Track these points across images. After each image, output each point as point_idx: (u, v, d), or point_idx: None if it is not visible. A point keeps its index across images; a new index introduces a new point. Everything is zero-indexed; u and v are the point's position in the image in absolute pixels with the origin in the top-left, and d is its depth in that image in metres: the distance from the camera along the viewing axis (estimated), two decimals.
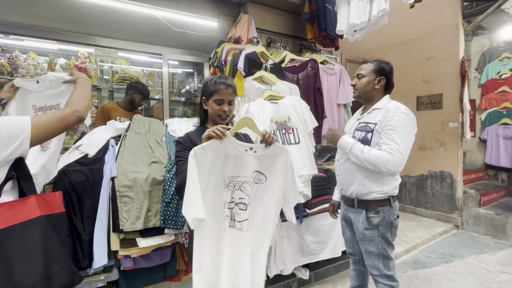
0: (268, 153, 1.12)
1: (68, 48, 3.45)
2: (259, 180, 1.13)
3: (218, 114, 1.24)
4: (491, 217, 3.35)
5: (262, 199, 1.13)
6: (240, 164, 1.10)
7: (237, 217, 1.11)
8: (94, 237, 1.36)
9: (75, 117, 0.99)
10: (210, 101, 1.24)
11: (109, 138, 1.74)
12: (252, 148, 1.11)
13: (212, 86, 1.23)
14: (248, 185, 1.12)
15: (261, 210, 1.13)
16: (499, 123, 4.06)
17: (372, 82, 1.50)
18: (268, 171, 1.14)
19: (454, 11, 3.57)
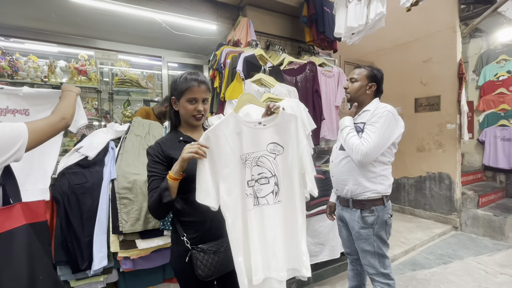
0: (278, 123, 1.12)
1: (68, 51, 3.47)
2: (278, 152, 1.13)
3: (192, 115, 1.11)
4: (489, 218, 3.37)
5: (285, 169, 1.13)
6: (253, 140, 1.08)
7: (260, 193, 1.09)
8: (94, 238, 1.37)
9: (63, 123, 1.09)
10: (181, 101, 1.10)
11: (109, 141, 1.76)
12: (261, 122, 1.10)
13: (182, 83, 1.09)
14: (265, 158, 1.11)
15: (287, 180, 1.14)
16: (496, 124, 4.08)
17: (364, 87, 1.60)
18: (283, 140, 1.13)
19: (451, 14, 3.61)
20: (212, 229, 1.08)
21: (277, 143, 1.12)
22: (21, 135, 0.88)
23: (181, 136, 1.13)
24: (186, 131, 1.17)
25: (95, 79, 3.42)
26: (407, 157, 4.21)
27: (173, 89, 1.13)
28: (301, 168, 1.16)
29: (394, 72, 4.35)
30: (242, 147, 1.06)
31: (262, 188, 1.09)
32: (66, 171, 1.46)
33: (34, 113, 1.32)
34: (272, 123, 1.11)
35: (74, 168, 1.50)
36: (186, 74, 1.11)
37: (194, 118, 1.12)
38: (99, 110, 3.51)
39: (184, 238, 1.05)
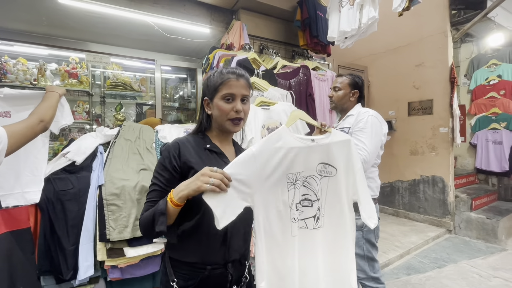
0: (330, 142, 1.01)
1: (59, 54, 3.42)
2: (328, 173, 1.02)
3: (229, 118, 0.87)
4: (483, 221, 3.39)
5: (334, 193, 1.02)
6: (303, 158, 0.97)
7: (301, 215, 0.99)
8: (80, 247, 1.32)
9: (41, 126, 1.05)
10: (215, 100, 0.88)
11: (98, 145, 1.71)
12: (314, 140, 0.98)
13: (217, 78, 0.88)
14: (312, 179, 1.00)
15: (335, 206, 1.02)
16: (488, 128, 4.13)
17: (348, 94, 1.67)
18: (335, 161, 1.02)
19: (442, 19, 3.66)
20: (212, 278, 0.84)
21: (327, 164, 1.01)
22: (0, 139, 0.84)
23: (208, 143, 0.90)
24: (214, 138, 0.94)
25: (86, 82, 3.37)
26: (401, 160, 4.23)
27: (205, 88, 0.92)
28: (354, 194, 1.05)
29: (387, 76, 4.39)
30: (291, 165, 0.93)
31: (303, 210, 0.99)
32: (51, 177, 1.41)
33: (16, 115, 1.27)
34: (325, 141, 0.99)
35: (60, 174, 1.45)
36: (222, 69, 0.92)
37: (231, 123, 0.87)
38: (90, 113, 3.45)
39: (174, 285, 0.81)
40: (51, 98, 1.20)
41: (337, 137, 1.02)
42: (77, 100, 3.39)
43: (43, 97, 1.22)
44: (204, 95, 0.94)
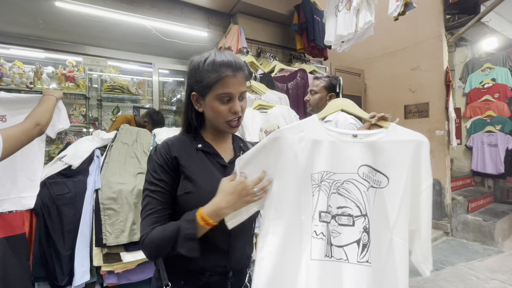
0: (384, 141, 0.69)
1: (56, 57, 3.40)
2: (376, 182, 0.70)
3: (226, 120, 0.74)
4: (479, 223, 3.40)
5: (386, 213, 0.68)
6: (338, 156, 0.71)
7: (336, 238, 0.69)
8: (76, 252, 1.30)
9: (37, 130, 1.03)
10: (208, 99, 0.72)
11: (95, 149, 1.70)
12: (356, 135, 0.71)
13: (209, 72, 0.70)
14: (353, 186, 0.70)
15: (387, 233, 0.68)
16: (483, 130, 4.18)
17: (324, 98, 1.64)
18: (389, 169, 0.69)
19: (437, 23, 3.71)
20: (210, 285, 0.74)
21: (375, 170, 0.70)
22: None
23: (199, 143, 0.77)
24: (208, 137, 0.81)
25: (83, 86, 3.35)
26: None
27: (193, 81, 0.74)
28: (413, 221, 0.69)
29: (383, 79, 4.43)
30: (317, 163, 0.71)
31: (341, 231, 0.69)
32: (47, 181, 1.39)
33: (11, 119, 1.26)
34: (373, 138, 0.70)
35: (57, 178, 1.43)
36: (214, 56, 0.72)
37: (228, 125, 0.74)
38: (87, 117, 3.43)
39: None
40: (48, 101, 1.19)
41: (397, 135, 0.70)
42: (73, 104, 3.37)
43: (40, 101, 1.20)
44: (191, 89, 0.76)
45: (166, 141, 0.78)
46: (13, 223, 0.93)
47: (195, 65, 0.74)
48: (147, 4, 2.69)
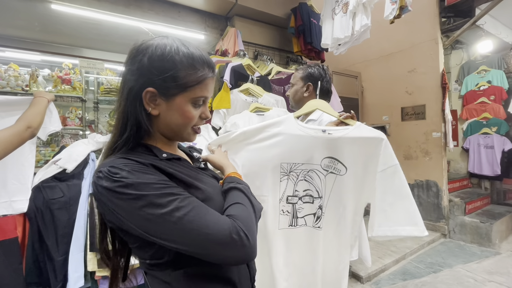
0: (348, 136, 0.85)
1: (52, 59, 3.39)
2: (337, 170, 0.88)
3: (194, 125, 0.63)
4: (476, 225, 3.41)
5: (340, 195, 0.90)
6: (304, 149, 0.86)
7: (300, 212, 0.90)
8: (70, 257, 1.28)
9: (28, 132, 1.01)
10: (178, 100, 0.59)
11: (90, 152, 1.68)
12: (325, 130, 0.86)
13: (188, 69, 0.58)
14: (315, 174, 0.89)
15: (340, 209, 0.92)
16: (479, 132, 4.20)
17: (300, 90, 1.39)
18: (348, 159, 0.87)
19: (432, 26, 3.74)
20: None
21: (336, 160, 0.87)
22: None
23: (163, 153, 0.62)
24: (159, 145, 0.64)
25: (79, 88, 3.33)
26: None
27: (157, 73, 0.56)
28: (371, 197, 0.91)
29: (380, 81, 4.45)
30: (288, 154, 0.85)
31: (304, 207, 0.90)
32: (41, 185, 1.38)
33: (1, 121, 1.24)
34: (339, 134, 0.86)
35: (51, 182, 1.42)
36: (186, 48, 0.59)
37: (193, 132, 0.65)
38: (83, 119, 3.41)
39: None
40: (39, 104, 1.18)
41: (360, 132, 0.85)
42: (70, 106, 3.35)
43: (31, 103, 1.19)
44: (147, 83, 0.57)
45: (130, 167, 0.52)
46: (5, 227, 0.91)
47: (163, 53, 0.57)
48: (144, 6, 2.69)
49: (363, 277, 2.51)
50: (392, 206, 0.87)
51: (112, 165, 0.51)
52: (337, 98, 2.80)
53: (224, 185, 0.66)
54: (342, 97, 2.94)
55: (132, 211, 0.49)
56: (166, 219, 0.48)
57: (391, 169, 0.88)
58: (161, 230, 0.49)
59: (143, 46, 0.59)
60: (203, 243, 0.49)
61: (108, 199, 0.50)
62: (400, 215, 0.87)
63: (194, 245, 0.49)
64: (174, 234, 0.49)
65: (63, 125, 3.21)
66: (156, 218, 0.48)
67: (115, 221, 0.53)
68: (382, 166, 0.88)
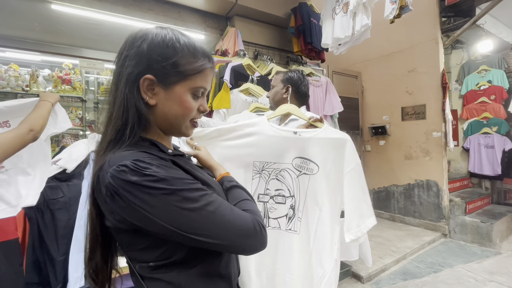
0: (317, 137, 0.90)
1: (52, 60, 3.39)
2: (309, 171, 0.90)
3: (192, 118, 0.62)
4: (477, 225, 3.41)
5: (316, 196, 0.90)
6: (277, 149, 0.90)
7: (272, 213, 0.90)
8: (70, 257, 1.28)
9: (30, 135, 1.01)
10: (177, 89, 0.57)
11: (90, 152, 1.68)
12: (296, 132, 0.90)
13: (190, 57, 0.57)
14: (287, 173, 0.91)
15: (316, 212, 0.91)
16: (480, 132, 4.20)
17: (280, 91, 1.48)
18: (318, 159, 0.90)
19: (433, 26, 3.74)
20: None
21: (307, 159, 0.90)
22: None
23: (168, 149, 0.62)
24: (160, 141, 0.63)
25: (79, 88, 3.34)
26: (395, 165, 4.26)
27: (158, 61, 0.55)
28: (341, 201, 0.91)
29: (381, 81, 4.45)
30: (261, 153, 0.89)
31: (277, 207, 0.90)
32: None
33: (14, 124, 1.24)
34: (309, 135, 0.90)
35: (51, 182, 1.42)
36: (192, 41, 0.59)
37: (191, 125, 0.63)
38: (83, 119, 3.41)
39: None
40: (43, 107, 1.18)
41: (327, 133, 0.91)
42: (70, 106, 3.36)
43: (35, 106, 1.19)
44: (146, 69, 0.55)
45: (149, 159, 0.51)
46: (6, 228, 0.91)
47: (164, 40, 0.55)
48: (144, 7, 2.69)
49: (364, 277, 2.51)
50: (361, 202, 0.90)
51: (137, 159, 0.49)
52: (337, 97, 2.80)
53: (225, 183, 0.68)
54: (342, 97, 2.93)
55: (164, 207, 0.48)
56: (201, 214, 0.49)
57: (357, 168, 0.91)
58: (195, 224, 0.49)
59: (141, 33, 0.57)
60: (233, 235, 0.51)
61: (133, 194, 0.47)
62: (365, 208, 0.91)
63: (224, 238, 0.51)
64: (207, 228, 0.49)
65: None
66: (190, 212, 0.49)
67: (132, 219, 0.49)
68: (349, 166, 0.90)
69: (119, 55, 0.58)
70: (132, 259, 0.57)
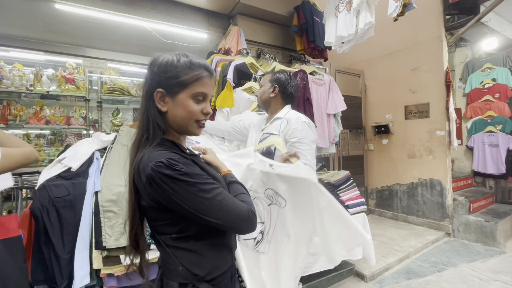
0: (285, 174, 0.96)
1: (56, 59, 3.40)
2: (278, 203, 0.99)
3: (197, 119, 0.76)
4: (481, 224, 3.39)
5: (283, 226, 0.99)
6: (253, 178, 1.00)
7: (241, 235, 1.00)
8: (75, 255, 1.29)
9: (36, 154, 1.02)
10: (180, 97, 0.73)
11: (94, 151, 1.69)
12: (272, 164, 0.98)
13: (186, 69, 0.73)
14: (259, 201, 1.01)
15: (284, 240, 1.00)
16: (484, 131, 4.17)
17: (268, 91, 1.53)
18: (286, 194, 0.97)
19: (437, 24, 3.71)
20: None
21: (276, 193, 0.98)
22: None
23: (186, 149, 0.80)
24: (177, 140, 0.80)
25: (83, 88, 3.35)
26: (398, 163, 4.25)
27: (164, 76, 0.72)
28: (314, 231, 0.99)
29: (383, 80, 4.43)
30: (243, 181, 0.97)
31: None
32: (47, 184, 1.38)
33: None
34: (281, 169, 0.97)
35: (56, 180, 1.43)
36: (186, 57, 0.75)
37: (197, 125, 0.77)
38: (87, 119, 3.42)
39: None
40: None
41: (297, 171, 0.95)
42: (73, 106, 3.37)
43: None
44: (157, 85, 0.72)
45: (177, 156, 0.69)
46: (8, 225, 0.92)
47: (167, 61, 0.73)
48: (147, 6, 2.69)
49: (367, 276, 2.51)
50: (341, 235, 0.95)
51: (170, 157, 0.67)
52: (340, 96, 2.79)
53: (227, 178, 0.86)
54: (345, 96, 2.92)
55: (186, 194, 0.66)
56: (211, 202, 0.68)
57: (330, 205, 0.95)
58: (206, 209, 0.68)
59: (153, 59, 0.76)
60: (234, 219, 0.71)
61: (166, 183, 0.65)
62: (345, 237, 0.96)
63: (227, 220, 0.70)
64: (215, 212, 0.68)
65: (67, 125, 3.24)
66: (204, 200, 0.67)
67: (164, 201, 0.68)
68: (319, 204, 0.95)
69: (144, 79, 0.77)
70: (158, 231, 0.74)
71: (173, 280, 0.73)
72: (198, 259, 0.73)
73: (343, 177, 2.42)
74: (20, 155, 0.94)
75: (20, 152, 0.94)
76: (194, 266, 0.72)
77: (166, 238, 0.73)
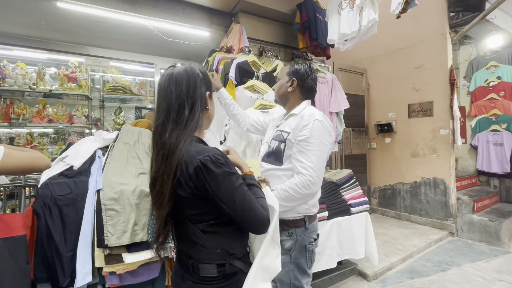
0: None
1: (58, 58, 3.41)
2: None
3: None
4: (485, 223, 3.36)
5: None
6: None
7: None
8: (78, 253, 1.29)
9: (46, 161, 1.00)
10: (212, 97, 0.96)
11: (96, 149, 1.69)
12: None
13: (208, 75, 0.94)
14: None
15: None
16: (488, 129, 4.12)
17: (285, 84, 1.38)
18: None
19: (441, 21, 3.67)
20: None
21: None
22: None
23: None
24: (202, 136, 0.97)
25: (85, 86, 3.36)
26: (402, 162, 4.22)
27: (207, 82, 0.91)
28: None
29: (387, 78, 4.39)
30: None
31: None
32: (49, 182, 1.38)
33: None
34: None
35: (58, 179, 1.43)
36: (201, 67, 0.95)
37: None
38: (89, 117, 3.44)
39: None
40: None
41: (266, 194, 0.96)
42: (76, 104, 3.38)
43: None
44: (206, 89, 0.90)
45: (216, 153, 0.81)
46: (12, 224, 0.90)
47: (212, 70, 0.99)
48: (149, 4, 2.68)
49: (370, 275, 2.49)
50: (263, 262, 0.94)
51: (214, 154, 0.78)
52: (343, 94, 2.77)
53: (247, 180, 0.92)
54: (348, 94, 2.90)
55: (223, 188, 0.77)
56: (239, 198, 0.79)
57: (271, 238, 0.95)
58: (233, 203, 0.78)
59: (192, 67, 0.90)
60: (251, 219, 0.81)
61: (209, 176, 0.76)
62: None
63: (245, 217, 0.80)
64: (239, 208, 0.79)
65: (70, 123, 3.25)
66: (233, 196, 0.78)
67: (205, 190, 0.77)
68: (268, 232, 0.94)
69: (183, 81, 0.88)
70: (194, 220, 0.82)
71: (210, 263, 0.82)
72: (233, 241, 0.86)
73: (345, 176, 2.40)
74: (24, 157, 0.93)
75: (25, 155, 0.94)
76: (230, 247, 0.84)
77: (204, 225, 0.82)
